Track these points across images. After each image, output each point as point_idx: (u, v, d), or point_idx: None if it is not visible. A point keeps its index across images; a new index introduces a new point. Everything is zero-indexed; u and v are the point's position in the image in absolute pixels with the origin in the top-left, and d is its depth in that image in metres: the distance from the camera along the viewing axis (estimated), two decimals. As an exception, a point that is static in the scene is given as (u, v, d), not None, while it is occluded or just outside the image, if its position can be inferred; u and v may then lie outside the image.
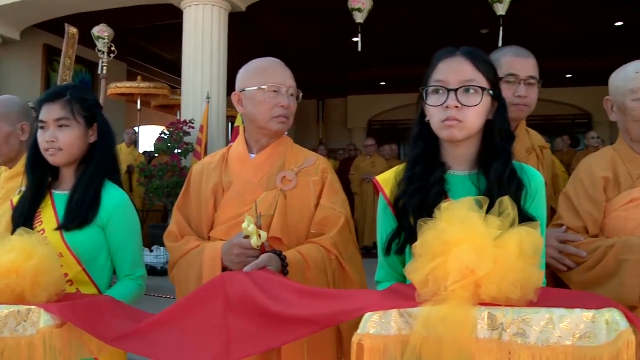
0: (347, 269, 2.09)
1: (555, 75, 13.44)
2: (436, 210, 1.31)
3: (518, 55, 2.29)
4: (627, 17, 10.44)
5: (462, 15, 9.71)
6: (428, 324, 1.17)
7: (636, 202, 2.07)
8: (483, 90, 1.56)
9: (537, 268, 1.22)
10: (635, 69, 2.13)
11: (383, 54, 11.80)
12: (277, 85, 2.14)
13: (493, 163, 1.57)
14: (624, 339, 1.10)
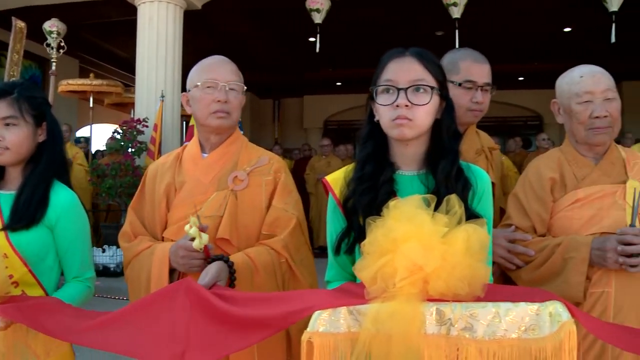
0: (297, 273, 2.08)
1: (508, 77, 13.71)
2: (384, 208, 1.32)
3: (476, 60, 2.32)
4: (575, 23, 10.72)
5: (418, 17, 9.82)
6: (377, 320, 1.18)
7: (581, 202, 2.13)
8: (432, 90, 1.58)
9: (483, 264, 1.24)
10: (580, 73, 2.19)
11: (339, 54, 11.84)
12: (212, 80, 2.11)
13: (440, 161, 1.59)
14: (565, 329, 1.14)
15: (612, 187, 2.13)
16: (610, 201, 2.11)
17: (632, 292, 2.01)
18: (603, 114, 2.11)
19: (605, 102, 2.13)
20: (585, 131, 2.15)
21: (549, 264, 2.07)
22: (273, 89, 15.78)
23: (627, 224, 2.02)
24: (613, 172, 2.17)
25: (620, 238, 1.96)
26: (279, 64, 13.35)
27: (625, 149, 2.27)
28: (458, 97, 2.27)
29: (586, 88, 2.14)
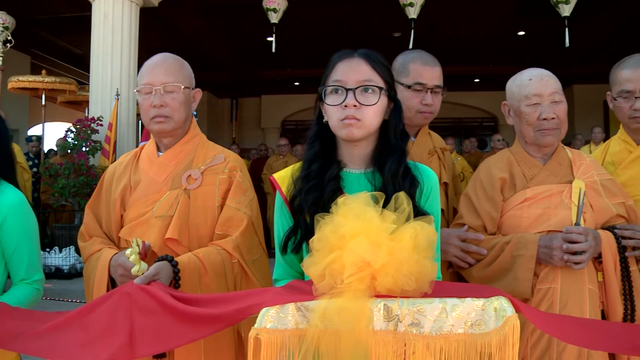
0: (250, 274, 2.06)
1: (464, 79, 13.95)
2: (333, 205, 1.33)
3: (426, 63, 2.36)
4: (529, 28, 10.96)
5: (375, 17, 9.89)
6: (325, 316, 1.18)
7: (529, 202, 2.18)
8: (380, 90, 1.59)
9: (431, 261, 1.26)
10: (529, 76, 2.25)
11: (297, 54, 11.83)
12: (148, 85, 2.08)
13: (388, 160, 1.60)
14: (510, 324, 1.16)
15: (559, 187, 2.18)
16: (557, 200, 2.16)
17: (576, 288, 2.07)
18: (551, 116, 2.17)
19: (552, 104, 2.18)
20: (534, 132, 2.20)
21: (499, 261, 2.12)
22: (231, 88, 15.66)
23: (572, 223, 2.08)
24: (560, 172, 2.23)
25: (566, 236, 2.02)
26: (236, 63, 13.26)
27: (572, 150, 2.34)
28: (408, 99, 2.30)
29: (535, 91, 2.19)
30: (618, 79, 2.40)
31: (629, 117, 2.37)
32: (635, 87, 2.34)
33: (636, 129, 2.40)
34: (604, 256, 2.07)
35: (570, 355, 1.99)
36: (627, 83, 2.36)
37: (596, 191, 2.19)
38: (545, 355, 2.02)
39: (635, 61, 2.38)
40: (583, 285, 2.07)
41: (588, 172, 2.23)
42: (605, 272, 2.09)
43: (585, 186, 2.16)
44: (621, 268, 2.09)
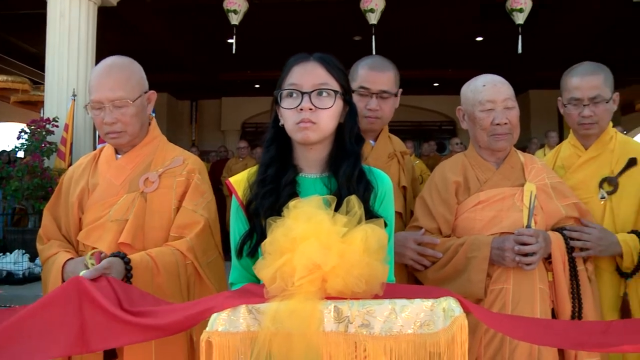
0: (204, 276, 2.05)
1: (424, 83, 14.12)
2: (284, 208, 1.33)
3: (372, 68, 2.38)
4: (486, 34, 11.16)
5: (337, 21, 9.93)
6: (276, 319, 1.18)
7: (483, 204, 2.23)
8: (335, 94, 1.60)
9: (381, 263, 1.27)
10: (483, 82, 2.30)
11: (257, 56, 11.78)
12: (97, 102, 2.05)
13: (342, 164, 1.61)
14: (458, 323, 1.19)
15: (511, 190, 2.24)
16: (509, 203, 2.21)
17: (527, 288, 2.12)
18: (504, 121, 2.22)
19: (505, 110, 2.24)
20: (488, 137, 2.25)
21: (453, 263, 2.16)
22: (191, 90, 15.51)
23: (524, 225, 2.13)
24: (512, 176, 2.28)
25: (517, 238, 2.07)
26: (196, 65, 13.15)
27: (523, 154, 2.40)
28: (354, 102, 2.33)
29: (488, 97, 2.24)
30: (568, 86, 2.47)
31: (577, 124, 2.46)
32: (584, 95, 2.40)
33: (584, 134, 2.49)
34: (553, 257, 2.14)
35: (522, 352, 2.04)
36: (575, 91, 2.43)
37: (547, 194, 2.25)
38: (498, 354, 2.07)
39: (584, 69, 2.45)
40: (534, 285, 2.13)
41: (539, 176, 2.29)
42: (554, 272, 2.16)
43: (536, 189, 2.23)
44: (570, 268, 2.16)
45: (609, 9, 9.04)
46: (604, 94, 2.40)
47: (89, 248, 2.02)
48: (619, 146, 2.46)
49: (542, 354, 2.06)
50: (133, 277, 1.84)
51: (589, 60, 2.50)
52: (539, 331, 1.40)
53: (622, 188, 2.37)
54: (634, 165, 2.38)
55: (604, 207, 2.37)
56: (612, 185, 2.39)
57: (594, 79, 2.41)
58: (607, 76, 2.44)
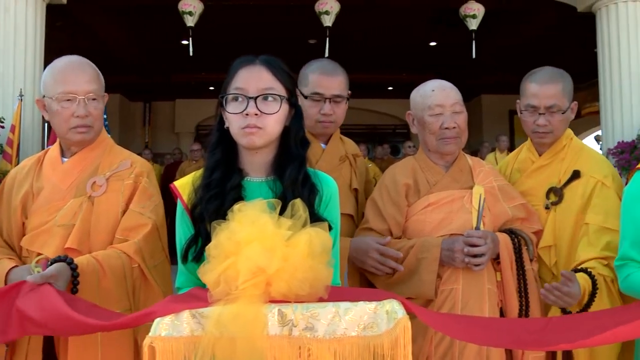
0: (150, 279, 2.03)
1: (378, 87, 14.21)
2: (229, 211, 1.33)
3: (324, 73, 2.39)
4: (440, 39, 11.31)
5: (292, 24, 9.92)
6: (220, 323, 1.18)
7: (432, 207, 2.27)
8: (281, 98, 1.60)
9: (326, 266, 1.28)
10: (432, 87, 2.34)
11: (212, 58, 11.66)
12: (70, 94, 2.02)
13: (287, 168, 1.61)
14: (401, 325, 1.21)
15: (460, 192, 2.28)
16: (458, 205, 2.26)
17: (476, 289, 2.17)
18: (452, 125, 2.27)
19: (453, 114, 2.28)
20: (437, 141, 2.29)
21: (405, 265, 2.19)
22: (144, 92, 15.26)
23: (473, 227, 2.17)
24: (461, 179, 2.33)
25: (467, 240, 2.12)
26: (150, 66, 12.95)
27: (472, 158, 2.45)
28: (307, 108, 2.33)
29: (437, 101, 2.28)
30: (526, 92, 2.42)
31: (532, 131, 2.44)
32: (540, 103, 2.36)
33: (538, 142, 2.48)
34: (501, 257, 2.19)
35: (471, 351, 2.09)
36: (533, 98, 2.38)
37: (494, 196, 2.30)
38: (448, 353, 2.11)
39: (543, 76, 2.40)
40: (483, 285, 2.18)
41: (487, 179, 2.34)
42: (502, 271, 2.21)
43: (484, 191, 2.27)
44: (517, 267, 2.22)
45: (557, 18, 9.29)
46: (561, 103, 2.36)
47: (34, 254, 1.97)
48: (570, 155, 2.42)
49: (491, 352, 2.11)
50: (80, 284, 1.80)
51: (541, 66, 2.47)
52: (480, 331, 1.43)
53: (566, 200, 2.33)
54: (577, 178, 2.33)
55: (547, 217, 2.36)
56: (557, 195, 2.36)
57: (551, 88, 2.36)
58: (566, 85, 2.40)
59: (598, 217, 2.20)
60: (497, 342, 1.57)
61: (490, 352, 2.12)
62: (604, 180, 2.27)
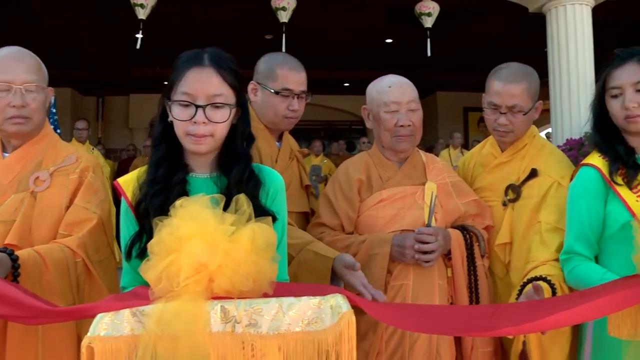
0: (95, 274, 1.98)
1: (335, 83, 14.24)
2: (171, 207, 1.31)
3: (293, 69, 2.37)
4: (396, 36, 11.40)
5: (248, 19, 9.85)
6: (161, 321, 1.16)
7: (384, 202, 2.28)
8: (230, 106, 1.58)
9: (269, 261, 1.27)
10: (389, 83, 2.33)
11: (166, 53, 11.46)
12: (6, 82, 1.95)
13: (234, 167, 1.60)
14: (345, 319, 1.20)
15: (412, 189, 2.30)
16: (410, 201, 2.28)
17: (426, 285, 2.19)
18: (407, 123, 2.28)
19: (409, 112, 2.29)
20: (391, 138, 2.30)
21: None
22: (97, 86, 14.94)
23: (424, 223, 2.19)
24: (414, 175, 2.34)
25: (417, 237, 2.13)
26: (103, 60, 12.68)
27: (425, 154, 2.46)
28: (275, 104, 2.32)
29: (393, 99, 2.29)
30: (490, 89, 2.39)
31: (493, 129, 2.42)
32: (502, 102, 2.32)
33: (499, 140, 2.48)
34: (453, 253, 2.21)
35: (421, 345, 2.11)
36: (496, 96, 2.34)
37: (447, 192, 2.32)
38: (399, 348, 2.12)
39: (507, 74, 2.35)
40: (433, 281, 2.20)
41: (440, 175, 2.36)
42: (454, 267, 2.23)
43: (437, 188, 2.29)
44: (468, 263, 2.24)
45: (509, 17, 9.46)
46: (524, 104, 2.32)
47: None
48: (531, 154, 2.41)
49: (441, 346, 2.13)
50: (20, 275, 1.75)
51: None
52: (428, 319, 1.44)
53: (523, 197, 2.33)
54: (535, 177, 2.33)
55: (505, 214, 2.36)
56: (515, 193, 2.35)
57: (515, 88, 2.31)
58: (531, 85, 2.35)
59: (552, 216, 2.20)
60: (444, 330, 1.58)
61: (440, 346, 2.14)
62: (561, 181, 2.26)
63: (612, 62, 2.03)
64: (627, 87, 1.96)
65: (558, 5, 7.83)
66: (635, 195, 1.97)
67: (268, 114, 2.35)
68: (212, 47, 1.64)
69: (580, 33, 7.72)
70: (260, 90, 2.37)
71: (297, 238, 2.10)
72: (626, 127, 2.00)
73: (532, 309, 1.56)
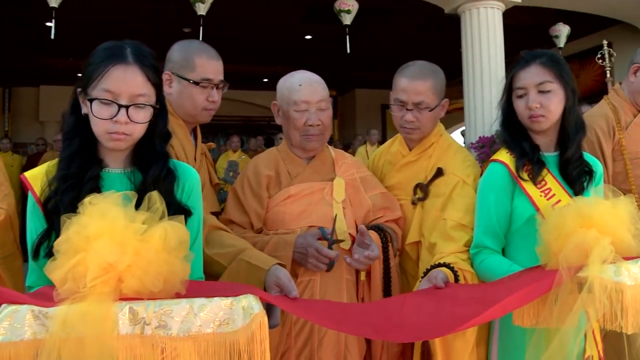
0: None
1: (253, 78, 14.16)
2: (80, 205, 1.26)
3: (212, 57, 2.27)
4: (315, 33, 11.45)
5: (165, 10, 9.63)
6: (66, 323, 1.11)
7: (292, 198, 2.28)
8: (152, 106, 1.55)
9: (182, 260, 1.25)
10: (300, 80, 2.32)
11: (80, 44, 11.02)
12: None
13: (152, 165, 1.57)
14: (257, 320, 1.20)
15: (320, 185, 2.31)
16: (318, 197, 2.28)
17: (334, 280, 2.20)
18: (316, 123, 2.28)
19: (319, 111, 2.29)
20: (300, 137, 2.30)
21: None
22: (3, 76, 14.18)
23: (332, 218, 2.18)
24: (323, 171, 2.35)
25: (319, 249, 2.10)
26: (10, 49, 12.05)
27: (335, 150, 2.48)
28: (194, 95, 2.22)
29: (304, 97, 2.28)
30: (396, 86, 2.41)
31: (400, 126, 2.44)
32: (408, 99, 2.35)
33: (406, 137, 2.50)
34: None
35: (330, 341, 2.12)
36: (402, 93, 2.37)
37: (355, 187, 2.34)
38: (308, 343, 2.13)
39: (413, 71, 2.38)
40: (341, 276, 2.21)
41: (349, 171, 2.38)
42: (372, 269, 2.23)
43: (346, 183, 2.31)
44: (383, 265, 2.26)
45: (426, 17, 9.70)
46: (430, 100, 2.35)
47: None
48: (438, 153, 2.44)
49: (349, 340, 2.16)
50: None
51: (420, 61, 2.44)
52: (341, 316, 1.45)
53: (431, 196, 2.36)
54: (441, 176, 2.35)
55: (414, 213, 2.38)
56: (423, 191, 2.38)
57: (420, 85, 2.34)
58: (437, 82, 2.38)
59: (457, 213, 2.24)
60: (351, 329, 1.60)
61: (350, 341, 2.16)
62: (466, 179, 2.30)
63: (517, 64, 2.14)
64: (530, 88, 2.06)
65: (472, 7, 8.11)
66: (540, 190, 2.07)
67: (186, 106, 2.23)
68: (132, 41, 1.58)
69: (492, 35, 8.03)
70: (176, 80, 2.23)
71: (229, 246, 2.01)
72: (530, 125, 2.10)
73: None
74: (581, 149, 2.15)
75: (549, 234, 1.72)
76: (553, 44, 10.12)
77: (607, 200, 1.76)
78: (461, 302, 1.72)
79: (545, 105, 2.05)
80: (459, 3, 8.21)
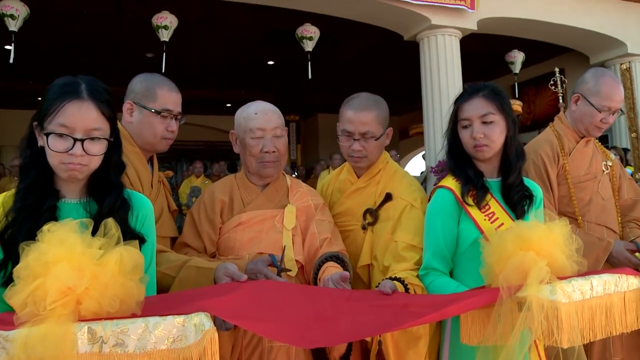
0: None
1: (217, 103, 14.21)
2: (38, 232, 1.32)
3: (172, 90, 2.36)
4: (277, 58, 11.58)
5: (127, 36, 9.65)
6: (27, 345, 1.17)
7: (243, 225, 2.33)
8: (107, 140, 1.61)
9: (137, 282, 1.33)
10: (255, 109, 2.41)
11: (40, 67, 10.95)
12: None
13: (107, 196, 1.63)
14: (208, 336, 1.28)
15: (272, 212, 2.37)
16: (269, 225, 2.34)
17: None
18: (272, 149, 2.35)
19: (274, 138, 2.37)
20: (257, 164, 2.37)
21: None
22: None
23: (282, 246, 2.24)
24: (275, 198, 2.42)
25: (268, 275, 2.08)
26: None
27: (291, 179, 2.55)
28: (154, 125, 2.30)
29: (259, 125, 2.36)
30: (343, 118, 2.50)
31: (348, 155, 2.53)
32: (355, 129, 2.43)
33: (354, 166, 2.59)
34: None
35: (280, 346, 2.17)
36: (348, 124, 2.45)
37: (308, 215, 2.41)
38: (256, 351, 2.18)
39: (358, 103, 2.47)
40: None
41: (303, 199, 2.44)
42: None
43: (298, 210, 2.38)
44: None
45: (387, 44, 9.91)
46: (375, 130, 2.43)
47: None
48: (385, 179, 2.53)
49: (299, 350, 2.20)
50: None
51: (367, 91, 2.55)
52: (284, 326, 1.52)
53: (380, 220, 2.43)
54: (390, 200, 2.44)
55: (365, 237, 2.45)
56: (372, 216, 2.45)
57: (366, 116, 2.42)
58: (380, 113, 2.47)
59: (406, 235, 2.33)
60: None
61: (298, 350, 2.20)
62: (413, 202, 2.40)
63: (462, 96, 2.28)
64: (474, 120, 2.20)
65: (430, 35, 8.36)
66: (484, 214, 2.19)
67: (145, 135, 2.32)
68: (87, 77, 1.64)
69: (450, 61, 8.27)
70: (137, 110, 2.31)
71: (175, 260, 2.11)
72: (475, 154, 2.23)
73: None
74: (522, 174, 2.28)
75: (491, 257, 1.84)
76: (509, 69, 10.47)
77: (543, 224, 1.89)
78: (403, 305, 1.80)
79: (488, 135, 2.18)
80: (417, 30, 8.44)
